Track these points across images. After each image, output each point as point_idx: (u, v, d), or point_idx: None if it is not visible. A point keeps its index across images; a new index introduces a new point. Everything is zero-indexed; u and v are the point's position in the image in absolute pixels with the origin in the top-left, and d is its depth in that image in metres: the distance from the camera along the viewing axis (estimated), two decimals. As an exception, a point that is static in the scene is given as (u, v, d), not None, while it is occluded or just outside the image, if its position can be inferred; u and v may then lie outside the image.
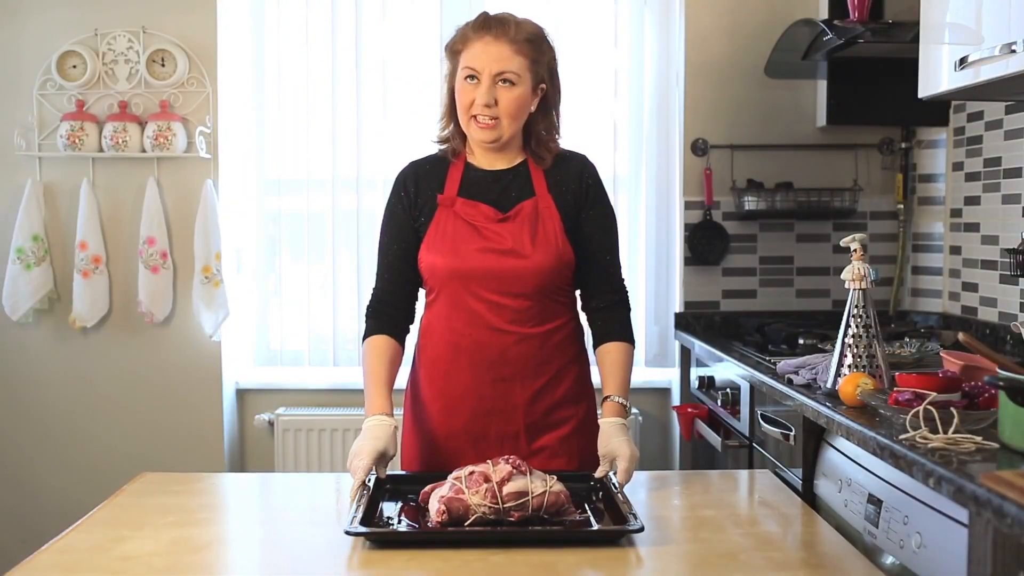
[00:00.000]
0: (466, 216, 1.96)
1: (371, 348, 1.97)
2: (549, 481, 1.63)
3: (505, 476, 1.60)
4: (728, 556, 1.51)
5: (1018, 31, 1.88)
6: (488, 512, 1.58)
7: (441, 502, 1.58)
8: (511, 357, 1.95)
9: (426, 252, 1.97)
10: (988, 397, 1.61)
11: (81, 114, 3.26)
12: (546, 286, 1.96)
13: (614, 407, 1.90)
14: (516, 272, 1.93)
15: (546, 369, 1.98)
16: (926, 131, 3.22)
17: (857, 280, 1.87)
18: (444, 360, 1.99)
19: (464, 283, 1.95)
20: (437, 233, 1.96)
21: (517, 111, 1.94)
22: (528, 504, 1.59)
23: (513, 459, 1.65)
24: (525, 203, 1.97)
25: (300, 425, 3.39)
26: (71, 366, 3.39)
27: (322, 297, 3.48)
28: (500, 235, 1.94)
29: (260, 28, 3.45)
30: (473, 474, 1.61)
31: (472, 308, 1.95)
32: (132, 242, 3.34)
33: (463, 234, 1.95)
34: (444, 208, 1.97)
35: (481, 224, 1.95)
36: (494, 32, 1.92)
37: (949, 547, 1.47)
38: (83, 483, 3.34)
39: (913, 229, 3.31)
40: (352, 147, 3.41)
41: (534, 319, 1.96)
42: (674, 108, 3.37)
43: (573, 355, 2.03)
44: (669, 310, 3.42)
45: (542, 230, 1.95)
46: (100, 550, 1.54)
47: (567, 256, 1.96)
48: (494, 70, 1.90)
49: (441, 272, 1.95)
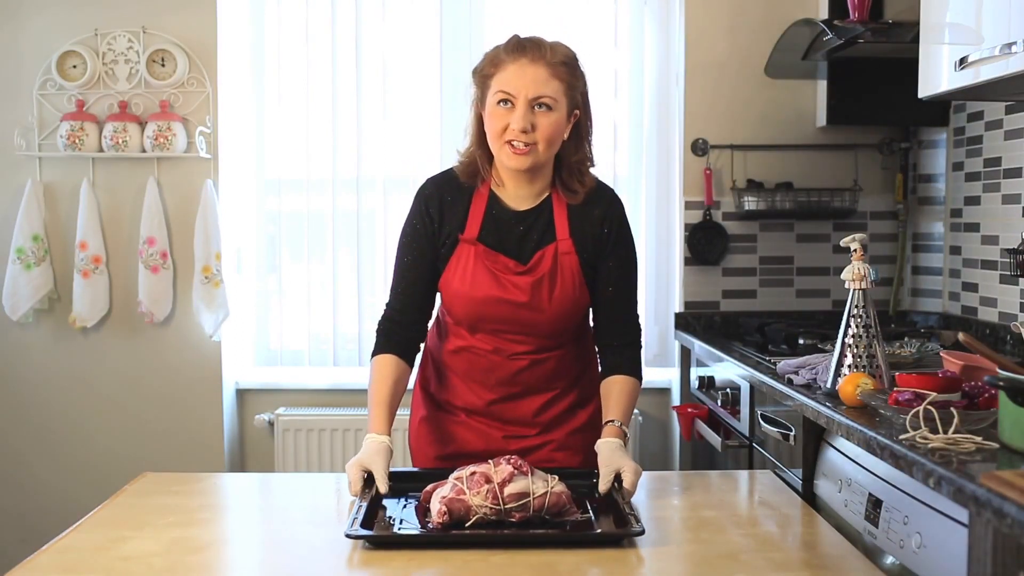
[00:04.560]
0: (486, 261, 1.92)
1: (379, 368, 1.94)
2: (551, 481, 1.63)
3: (506, 477, 1.60)
4: (728, 556, 1.51)
5: (1018, 31, 1.88)
6: (489, 513, 1.57)
7: (442, 503, 1.58)
8: (522, 378, 1.98)
9: (447, 284, 1.96)
10: (988, 397, 1.61)
11: (81, 114, 3.26)
12: (561, 330, 1.97)
13: (615, 430, 1.88)
14: (531, 322, 1.93)
15: (556, 384, 2.01)
16: (926, 131, 3.22)
17: (857, 280, 1.87)
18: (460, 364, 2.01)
19: (481, 321, 1.95)
20: (458, 269, 1.93)
21: (553, 136, 1.85)
22: (530, 505, 1.59)
23: (514, 459, 1.65)
24: (546, 250, 1.93)
25: (300, 425, 3.39)
26: (71, 366, 3.39)
27: (322, 297, 3.48)
28: (518, 287, 1.91)
29: (260, 28, 3.45)
30: (475, 475, 1.61)
31: (487, 335, 1.96)
32: (132, 242, 3.34)
33: (481, 279, 1.92)
34: (465, 244, 1.94)
35: (500, 273, 1.92)
36: (529, 55, 1.83)
37: (949, 547, 1.47)
38: (83, 483, 3.35)
39: (913, 229, 3.31)
40: (352, 147, 3.41)
41: (548, 348, 1.98)
42: (674, 108, 3.37)
43: (583, 367, 2.05)
44: (669, 310, 3.42)
45: (560, 281, 1.93)
46: (100, 550, 1.54)
47: (584, 302, 1.96)
48: (531, 94, 1.81)
49: (458, 309, 1.95)
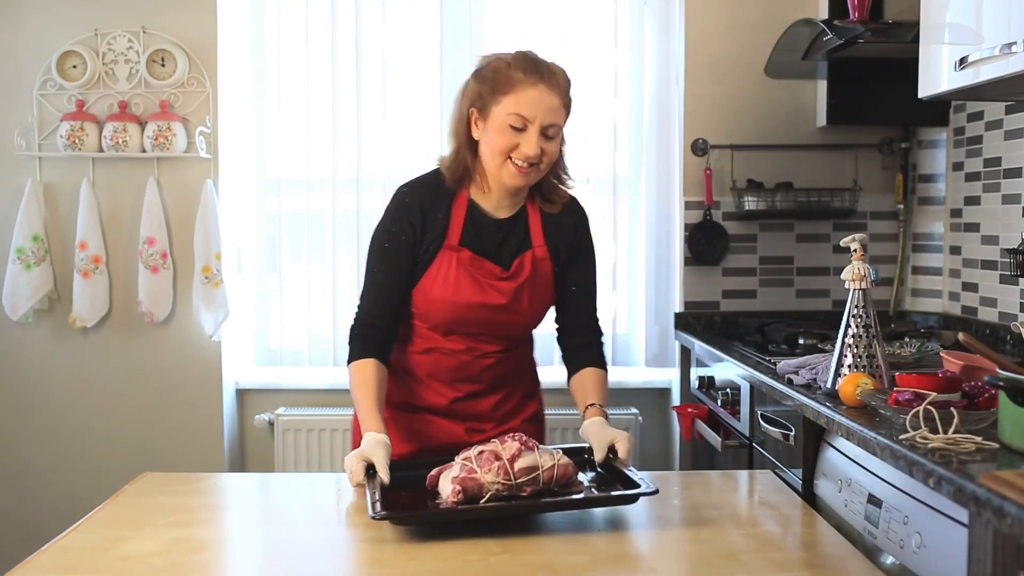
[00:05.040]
0: (470, 267, 1.97)
1: (362, 373, 1.96)
2: (556, 455, 1.70)
3: (515, 453, 1.66)
4: (729, 557, 1.51)
5: (1018, 31, 1.88)
6: (501, 488, 1.63)
7: (455, 483, 1.63)
8: (487, 376, 2.07)
9: (425, 291, 1.99)
10: (988, 397, 1.61)
11: (81, 114, 3.26)
12: (530, 331, 2.14)
13: (597, 411, 1.97)
14: (507, 326, 2.03)
15: (513, 379, 2.13)
16: (926, 131, 3.22)
17: (857, 280, 1.87)
18: (426, 364, 2.06)
19: (458, 325, 2.01)
20: (439, 276, 1.97)
21: (553, 159, 1.94)
22: (539, 478, 1.66)
23: (519, 436, 1.71)
24: (525, 256, 2.01)
25: (300, 425, 3.39)
26: (71, 366, 3.39)
27: (322, 297, 3.48)
28: (500, 292, 1.99)
29: (260, 28, 3.45)
30: (483, 453, 1.67)
31: (460, 337, 2.03)
32: (132, 242, 3.34)
33: (464, 284, 1.97)
34: (448, 251, 1.97)
35: (483, 279, 1.98)
36: (547, 81, 1.87)
37: (949, 547, 1.47)
38: (83, 483, 3.35)
39: (913, 229, 3.31)
40: (352, 147, 3.41)
41: (513, 347, 2.10)
42: (674, 108, 3.37)
43: (532, 363, 2.21)
44: (669, 310, 3.42)
45: (536, 287, 2.02)
46: (100, 550, 1.54)
47: (551, 304, 2.10)
48: (545, 121, 1.87)
49: (438, 314, 2.00)
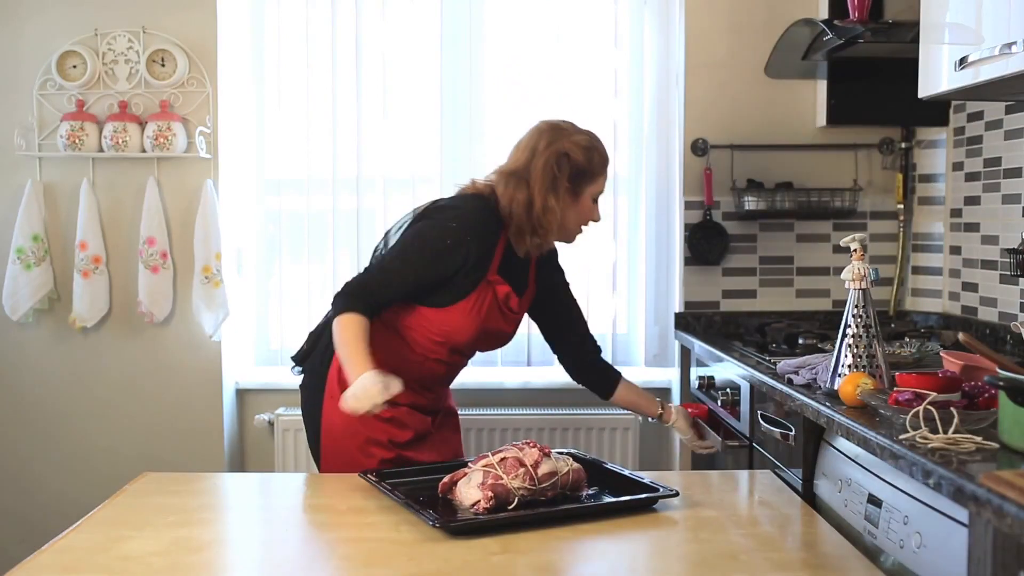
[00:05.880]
0: (502, 300, 2.20)
1: (357, 323, 2.08)
2: (568, 461, 1.82)
3: (537, 459, 1.78)
4: (728, 556, 1.51)
5: (1018, 31, 1.88)
6: (527, 494, 1.74)
7: (484, 489, 1.71)
8: (447, 378, 2.34)
9: (458, 315, 2.15)
10: (988, 397, 1.61)
11: (81, 114, 3.26)
12: None
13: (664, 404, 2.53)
14: (496, 346, 2.35)
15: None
16: (926, 131, 3.22)
17: (857, 280, 1.87)
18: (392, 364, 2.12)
19: (468, 347, 2.26)
20: (473, 308, 2.16)
21: None
22: (559, 483, 1.77)
23: (533, 443, 1.82)
24: (528, 291, 2.31)
25: (300, 425, 3.36)
26: (71, 366, 3.39)
27: (322, 297, 3.47)
28: (513, 321, 2.27)
29: (260, 28, 3.45)
30: (506, 460, 1.77)
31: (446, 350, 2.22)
32: (132, 242, 3.34)
33: (494, 315, 2.21)
34: (486, 284, 2.17)
35: (507, 310, 2.23)
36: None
37: (949, 547, 1.47)
38: (83, 483, 3.35)
39: (913, 229, 3.31)
40: (352, 147, 3.41)
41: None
42: (674, 108, 3.37)
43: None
44: (669, 310, 3.42)
45: (524, 307, 2.33)
46: (100, 550, 1.54)
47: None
48: None
49: (461, 337, 2.18)
